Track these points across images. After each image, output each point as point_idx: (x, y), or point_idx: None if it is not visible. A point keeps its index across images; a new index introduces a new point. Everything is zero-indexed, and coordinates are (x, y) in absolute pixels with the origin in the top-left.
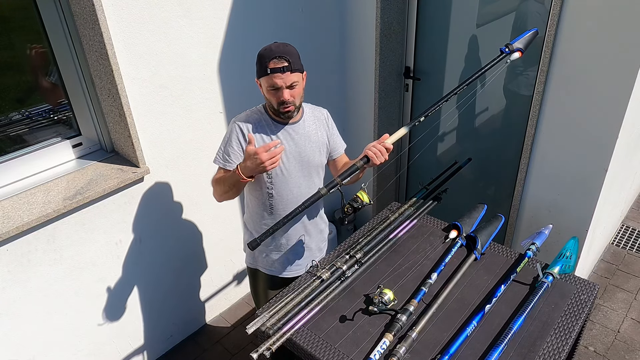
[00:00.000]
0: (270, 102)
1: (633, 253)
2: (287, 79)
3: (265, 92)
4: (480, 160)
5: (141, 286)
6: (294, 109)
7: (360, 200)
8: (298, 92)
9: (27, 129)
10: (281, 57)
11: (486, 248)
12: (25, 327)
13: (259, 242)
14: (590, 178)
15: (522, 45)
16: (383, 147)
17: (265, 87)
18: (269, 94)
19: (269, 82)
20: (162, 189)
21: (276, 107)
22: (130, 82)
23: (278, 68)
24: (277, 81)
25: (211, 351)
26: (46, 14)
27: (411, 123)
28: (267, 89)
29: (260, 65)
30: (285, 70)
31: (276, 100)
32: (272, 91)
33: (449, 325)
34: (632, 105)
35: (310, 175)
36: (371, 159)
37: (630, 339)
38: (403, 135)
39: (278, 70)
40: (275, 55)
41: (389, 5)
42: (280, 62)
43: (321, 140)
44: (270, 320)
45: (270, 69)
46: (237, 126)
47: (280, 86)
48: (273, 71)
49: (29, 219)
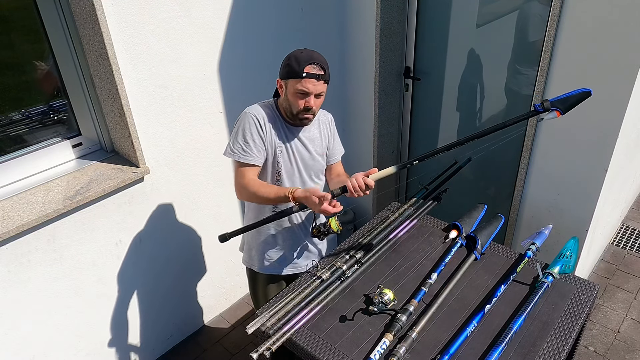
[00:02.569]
0: (291, 105)
1: (633, 253)
2: (318, 87)
3: (291, 95)
4: (480, 160)
5: (141, 286)
6: (312, 118)
7: (328, 226)
8: (320, 102)
9: (27, 129)
10: (319, 64)
11: (486, 248)
12: (25, 327)
13: (228, 237)
14: (590, 178)
15: (563, 104)
16: (365, 182)
17: (293, 89)
18: (295, 97)
19: (301, 85)
20: (162, 189)
21: (295, 113)
22: (130, 82)
23: (314, 74)
24: (310, 86)
25: (211, 351)
26: (46, 14)
27: (401, 165)
28: (295, 92)
29: (296, 66)
30: (320, 79)
31: (301, 106)
32: (299, 95)
33: (449, 325)
34: (632, 105)
35: (313, 178)
36: (349, 191)
37: (630, 339)
38: (390, 174)
39: (314, 77)
40: (314, 61)
41: (389, 5)
42: (317, 69)
43: (324, 144)
44: (270, 320)
45: (306, 73)
46: (254, 118)
47: (310, 92)
48: (309, 76)
49: (29, 219)
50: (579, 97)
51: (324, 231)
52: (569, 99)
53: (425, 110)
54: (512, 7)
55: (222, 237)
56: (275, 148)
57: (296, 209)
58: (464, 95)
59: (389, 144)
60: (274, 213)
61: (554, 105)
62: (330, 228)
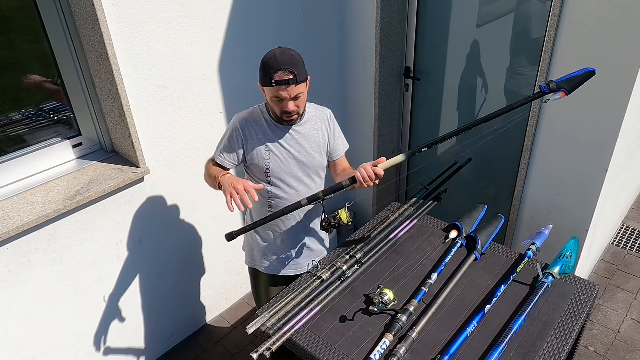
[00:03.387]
0: (274, 109)
1: (633, 253)
2: (291, 91)
3: (269, 100)
4: (480, 160)
5: (141, 286)
6: (297, 117)
7: (338, 218)
8: (302, 101)
9: (27, 129)
10: (286, 69)
11: (486, 248)
12: (25, 327)
13: (235, 236)
14: (590, 178)
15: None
16: (374, 172)
17: (268, 96)
18: (273, 103)
19: (273, 92)
20: (162, 189)
21: (279, 115)
22: (130, 82)
23: (283, 81)
24: (282, 93)
25: (211, 351)
26: (46, 14)
27: (410, 152)
28: (271, 98)
29: (265, 74)
30: (290, 83)
31: (279, 110)
32: (276, 101)
33: (449, 325)
34: (632, 105)
35: (310, 175)
36: (358, 182)
37: (630, 339)
38: (399, 162)
39: (283, 83)
40: (281, 67)
41: (389, 5)
42: (285, 74)
43: (322, 140)
44: (270, 320)
45: (275, 81)
46: (238, 126)
47: (284, 97)
48: (278, 83)
49: (29, 219)
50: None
51: (334, 223)
52: (573, 79)
53: (425, 110)
54: (512, 7)
55: (228, 235)
56: (262, 149)
57: (305, 203)
58: (464, 95)
59: (389, 144)
60: (280, 210)
61: (559, 86)
62: (341, 220)
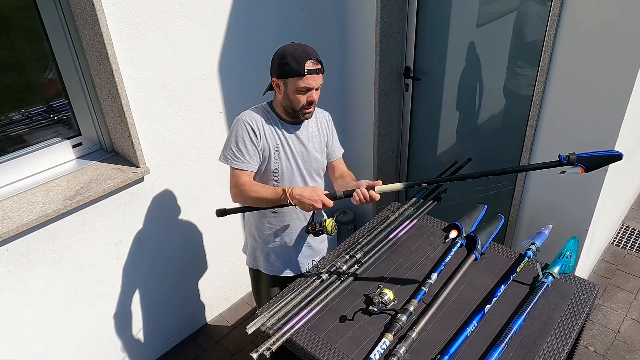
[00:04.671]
0: (293, 102)
1: (633, 253)
2: (319, 80)
3: (292, 92)
4: (480, 160)
5: (141, 286)
6: (313, 111)
7: (324, 227)
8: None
9: (27, 129)
10: (315, 58)
11: (486, 248)
12: (25, 327)
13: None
14: (590, 178)
15: (589, 162)
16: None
17: (294, 87)
18: (298, 94)
19: (303, 82)
20: (162, 189)
21: (298, 109)
22: (130, 82)
23: (315, 70)
24: (312, 82)
25: (211, 351)
26: (46, 14)
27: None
28: (297, 89)
29: (296, 64)
30: (319, 72)
31: (305, 101)
32: (303, 92)
33: (449, 325)
34: (632, 105)
35: (313, 175)
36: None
37: (630, 339)
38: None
39: (314, 72)
40: (311, 57)
41: (388, 5)
42: (315, 63)
43: (323, 141)
44: (270, 320)
45: (307, 70)
46: (246, 125)
47: (312, 87)
48: (310, 72)
49: (29, 219)
50: (607, 158)
51: (319, 230)
52: (596, 159)
53: (425, 110)
54: (512, 7)
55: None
56: (271, 149)
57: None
58: (464, 95)
59: (389, 144)
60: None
61: (579, 161)
62: (326, 229)
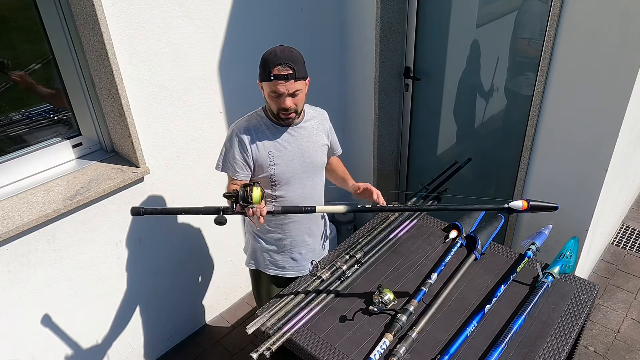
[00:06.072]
0: (271, 106)
1: (633, 253)
2: (290, 86)
3: (267, 97)
4: (480, 160)
5: (141, 286)
6: (294, 116)
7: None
8: (300, 99)
9: (27, 129)
10: (286, 64)
11: (486, 248)
12: (25, 327)
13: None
14: (590, 178)
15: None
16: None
17: (267, 92)
18: (270, 100)
19: (271, 87)
20: (162, 189)
21: (276, 113)
22: (130, 82)
23: (282, 75)
24: (280, 88)
25: (211, 351)
26: (46, 14)
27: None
28: (269, 94)
29: (264, 69)
30: (289, 79)
31: (277, 107)
32: (273, 97)
33: (449, 325)
34: (632, 105)
35: (313, 175)
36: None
37: (630, 339)
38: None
39: (282, 78)
40: (280, 62)
41: (389, 5)
42: (284, 69)
43: (322, 140)
44: (270, 320)
45: (274, 75)
46: (235, 137)
47: (282, 93)
48: (277, 78)
49: (29, 219)
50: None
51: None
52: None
53: (425, 110)
54: (512, 7)
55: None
56: (266, 157)
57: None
58: (464, 95)
59: (389, 144)
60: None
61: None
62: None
